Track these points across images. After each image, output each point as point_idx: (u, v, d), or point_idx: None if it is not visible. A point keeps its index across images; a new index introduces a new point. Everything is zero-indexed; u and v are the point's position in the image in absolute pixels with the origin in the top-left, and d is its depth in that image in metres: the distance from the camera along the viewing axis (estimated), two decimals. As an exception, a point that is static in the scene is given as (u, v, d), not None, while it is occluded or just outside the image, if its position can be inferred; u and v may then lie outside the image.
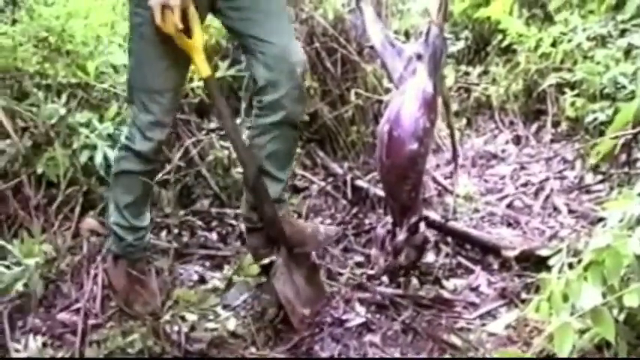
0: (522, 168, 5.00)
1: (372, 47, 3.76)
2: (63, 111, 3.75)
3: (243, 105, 4.46)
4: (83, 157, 3.77)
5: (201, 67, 3.13)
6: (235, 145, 3.30)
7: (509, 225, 4.22)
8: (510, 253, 3.73)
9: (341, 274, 3.73)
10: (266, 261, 3.35)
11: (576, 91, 5.02)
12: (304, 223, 3.61)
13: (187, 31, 3.06)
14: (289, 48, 3.21)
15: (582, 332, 2.43)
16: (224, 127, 3.43)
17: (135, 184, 3.34)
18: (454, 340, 3.20)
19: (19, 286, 3.28)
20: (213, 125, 4.36)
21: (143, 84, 3.20)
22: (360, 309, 3.47)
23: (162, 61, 3.15)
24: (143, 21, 3.08)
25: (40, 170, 3.71)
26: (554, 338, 2.20)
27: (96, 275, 3.57)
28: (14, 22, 4.20)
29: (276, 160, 3.35)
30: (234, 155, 4.12)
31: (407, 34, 5.74)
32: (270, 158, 3.33)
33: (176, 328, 3.14)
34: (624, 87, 4.58)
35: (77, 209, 3.78)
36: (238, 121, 4.30)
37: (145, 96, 3.19)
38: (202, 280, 3.63)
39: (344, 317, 3.42)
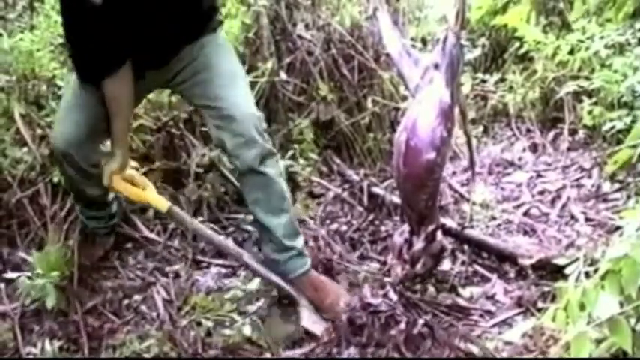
0: (539, 176, 4.98)
1: (389, 54, 3.76)
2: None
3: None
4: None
5: (159, 206, 3.40)
6: (221, 247, 3.55)
7: (525, 233, 4.20)
8: (527, 262, 3.71)
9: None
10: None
11: (594, 100, 5.01)
12: (329, 287, 3.50)
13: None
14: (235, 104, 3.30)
15: (599, 341, 2.41)
16: (205, 239, 3.60)
17: (80, 187, 3.47)
18: (470, 348, 3.19)
19: (34, 293, 3.31)
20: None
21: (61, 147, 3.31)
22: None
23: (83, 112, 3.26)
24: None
25: (56, 179, 3.73)
26: (571, 347, 2.19)
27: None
28: (32, 28, 4.22)
29: (258, 205, 3.40)
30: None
31: (424, 42, 5.76)
32: (254, 205, 3.41)
33: (192, 333, 3.15)
34: (642, 95, 4.57)
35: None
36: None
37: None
38: (219, 287, 3.64)
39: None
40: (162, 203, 3.40)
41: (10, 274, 3.42)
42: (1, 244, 3.70)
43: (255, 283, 3.64)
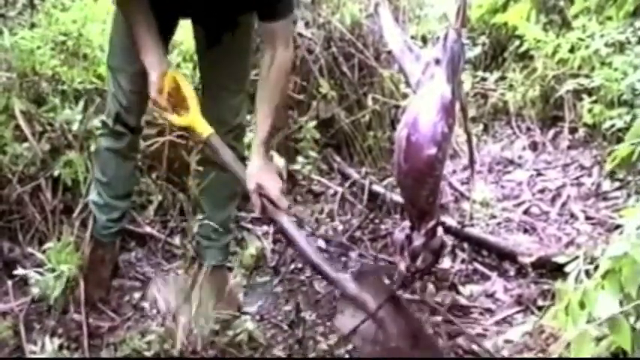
0: (539, 174, 4.99)
1: (389, 52, 3.76)
2: (80, 116, 3.77)
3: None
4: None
5: (202, 129, 3.11)
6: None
7: (525, 231, 4.21)
8: (527, 260, 3.72)
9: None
10: None
11: (594, 98, 5.01)
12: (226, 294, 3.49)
13: (183, 101, 3.11)
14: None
15: (599, 340, 2.42)
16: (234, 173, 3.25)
17: (107, 163, 3.41)
18: (470, 346, 3.19)
19: (36, 290, 3.31)
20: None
21: (111, 61, 3.30)
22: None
23: (122, 42, 3.18)
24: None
25: (56, 173, 3.73)
26: (572, 347, 2.19)
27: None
28: (32, 25, 4.22)
29: (208, 194, 3.43)
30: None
31: (424, 40, 5.75)
32: (206, 191, 3.43)
33: (194, 331, 3.15)
34: (642, 93, 4.57)
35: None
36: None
37: (111, 72, 3.29)
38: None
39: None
40: (205, 127, 3.10)
41: (20, 271, 3.41)
42: (2, 239, 3.70)
43: (256, 281, 3.65)
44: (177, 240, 3.95)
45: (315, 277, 3.69)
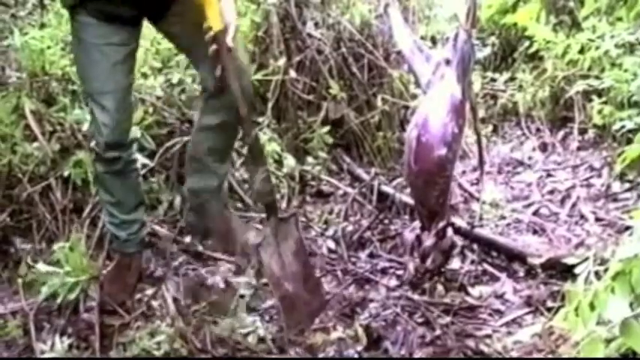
0: (549, 175, 4.98)
1: (399, 53, 3.76)
2: (89, 116, 3.78)
3: (270, 105, 4.55)
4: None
5: (213, 20, 3.02)
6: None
7: (535, 232, 4.20)
8: (536, 261, 3.71)
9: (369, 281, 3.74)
10: None
11: (604, 99, 5.00)
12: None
13: None
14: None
15: (608, 341, 2.41)
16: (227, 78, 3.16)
17: (110, 185, 3.39)
18: (479, 347, 3.19)
19: (46, 289, 3.31)
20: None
21: (88, 87, 3.25)
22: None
23: (102, 64, 3.14)
24: (79, 27, 3.13)
25: (66, 174, 3.73)
26: (582, 348, 2.19)
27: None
28: (42, 25, 4.23)
29: (215, 154, 3.44)
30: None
31: (433, 40, 5.75)
32: (209, 152, 3.43)
33: (203, 330, 3.15)
34: (652, 95, 4.56)
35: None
36: (261, 119, 4.49)
37: (91, 99, 3.24)
38: (228, 285, 3.63)
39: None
40: (217, 20, 3.02)
41: (34, 268, 3.43)
42: (13, 239, 3.71)
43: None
44: (187, 239, 3.94)
45: (324, 278, 3.70)
